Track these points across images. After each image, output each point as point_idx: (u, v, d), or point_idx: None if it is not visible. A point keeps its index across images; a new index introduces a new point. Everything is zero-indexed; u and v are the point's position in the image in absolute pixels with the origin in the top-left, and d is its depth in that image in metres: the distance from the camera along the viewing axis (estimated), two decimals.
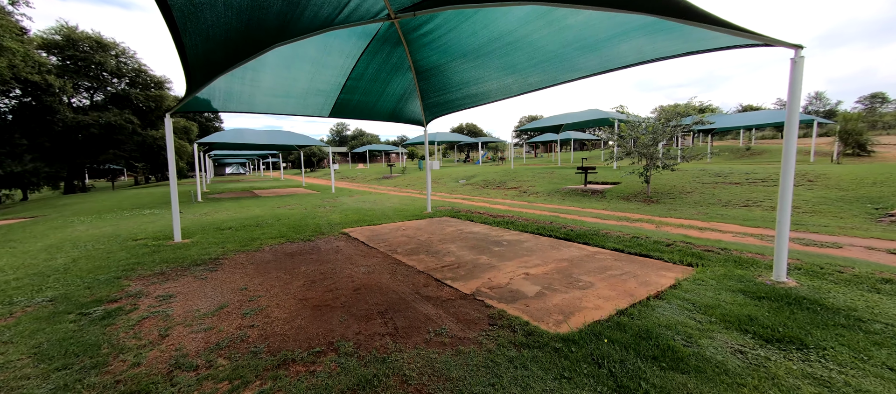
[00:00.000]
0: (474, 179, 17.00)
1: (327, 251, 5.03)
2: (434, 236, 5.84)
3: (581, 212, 8.44)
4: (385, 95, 6.68)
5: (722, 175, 10.70)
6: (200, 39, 3.26)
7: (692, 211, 7.96)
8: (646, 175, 9.86)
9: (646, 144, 9.31)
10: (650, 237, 5.01)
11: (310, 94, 5.98)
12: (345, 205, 10.51)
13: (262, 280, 3.80)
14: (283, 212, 9.17)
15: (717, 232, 5.80)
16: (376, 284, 3.59)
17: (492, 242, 5.36)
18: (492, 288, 3.42)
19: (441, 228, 6.60)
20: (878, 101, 52.77)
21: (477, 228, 6.52)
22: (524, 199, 11.65)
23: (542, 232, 5.81)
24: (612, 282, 3.49)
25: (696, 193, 9.54)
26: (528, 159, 38.80)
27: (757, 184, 9.46)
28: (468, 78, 5.59)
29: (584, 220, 7.20)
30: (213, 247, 5.35)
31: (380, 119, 7.66)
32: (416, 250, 4.96)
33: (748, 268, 3.68)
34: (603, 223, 6.72)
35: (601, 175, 13.40)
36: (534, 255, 4.58)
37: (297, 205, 10.98)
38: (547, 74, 4.86)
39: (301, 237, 5.96)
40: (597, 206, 9.36)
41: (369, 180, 24.85)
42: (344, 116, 7.06)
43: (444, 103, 6.88)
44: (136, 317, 2.90)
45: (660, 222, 6.78)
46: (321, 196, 14.02)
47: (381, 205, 10.26)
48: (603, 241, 5.00)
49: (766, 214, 7.26)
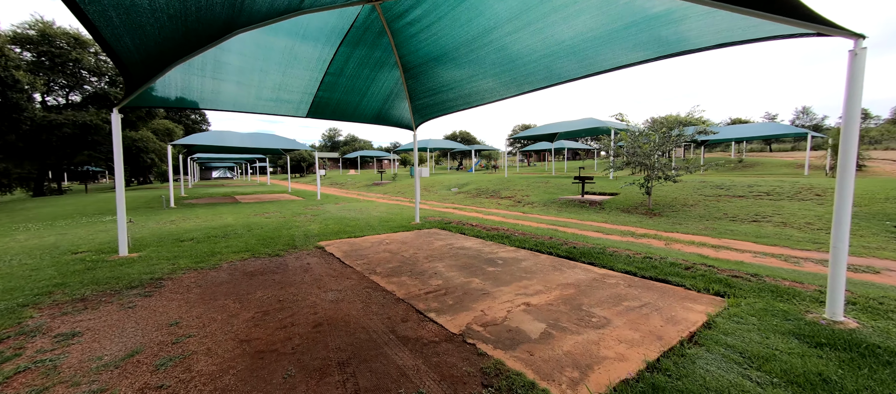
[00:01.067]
0: (467, 188, 16.41)
1: (295, 270, 4.32)
2: (420, 252, 5.17)
3: (581, 225, 7.86)
4: (369, 95, 6.04)
5: (724, 188, 10.27)
6: (125, 30, 2.61)
7: (699, 226, 7.44)
8: (647, 186, 9.36)
9: (647, 154, 8.83)
10: (665, 258, 4.42)
11: (284, 91, 5.31)
12: (327, 214, 9.78)
13: (202, 311, 3.08)
14: (258, 220, 8.40)
15: (734, 251, 5.25)
16: (343, 319, 2.91)
17: (485, 260, 4.72)
18: (485, 325, 2.77)
19: (429, 242, 5.94)
20: (863, 117, 54.02)
21: (469, 242, 5.87)
22: (519, 209, 11.06)
23: (542, 249, 5.19)
24: (631, 317, 2.86)
25: (699, 205, 9.06)
26: (522, 168, 38.48)
27: (762, 197, 9.03)
28: (461, 75, 5.00)
29: (585, 234, 6.61)
30: (162, 263, 4.60)
31: (365, 121, 7.01)
32: (397, 270, 4.28)
33: (790, 301, 3.09)
34: (607, 239, 6.14)
35: (598, 185, 12.92)
36: (534, 277, 3.94)
37: (276, 212, 10.21)
38: (553, 69, 4.28)
39: (269, 252, 5.23)
40: (596, 218, 8.80)
41: (359, 187, 24.10)
42: (324, 117, 6.40)
43: (434, 105, 6.27)
44: (11, 369, 2.17)
45: (668, 238, 6.22)
46: (305, 203, 13.25)
47: (367, 214, 9.56)
48: (611, 261, 4.39)
49: (778, 230, 6.77)
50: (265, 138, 14.97)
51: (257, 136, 14.83)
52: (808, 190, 8.97)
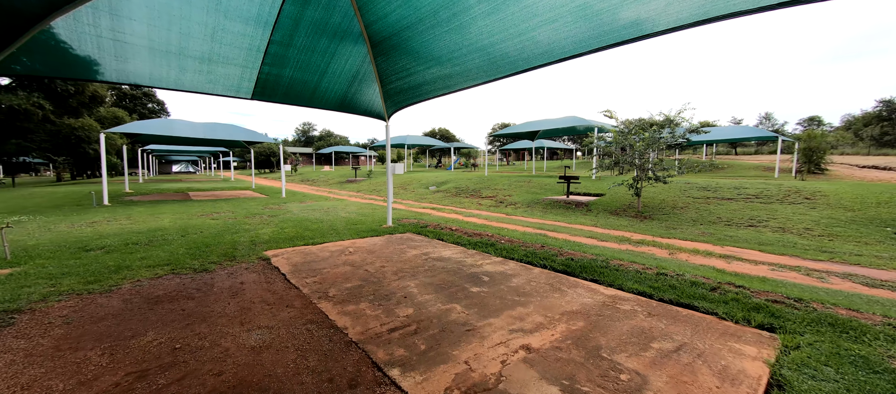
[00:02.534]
0: (446, 186, 15.55)
1: (219, 294, 3.29)
2: (389, 265, 4.24)
3: (570, 229, 7.17)
4: (331, 75, 5.03)
5: (710, 189, 9.94)
6: None
7: (695, 231, 6.91)
8: (636, 188, 8.83)
9: (641, 152, 8.28)
10: (681, 275, 3.71)
11: (216, 62, 4.21)
12: (287, 214, 8.62)
13: (44, 371, 2.03)
14: (200, 223, 7.16)
15: (746, 263, 4.65)
16: (260, 383, 1.95)
17: (468, 276, 3.86)
18: (473, 392, 1.90)
19: (401, 250, 5.01)
20: (814, 123, 57.64)
21: (448, 251, 4.99)
22: (501, 210, 10.31)
23: (534, 260, 4.39)
24: (671, 371, 2.08)
25: (689, 208, 8.62)
26: (501, 167, 38.07)
27: (751, 200, 8.70)
28: (440, 50, 4.10)
29: (578, 241, 5.89)
30: (38, 283, 3.43)
31: (328, 107, 5.96)
32: (357, 293, 3.34)
33: (861, 339, 2.41)
34: (603, 248, 5.43)
35: (582, 185, 12.39)
36: (530, 302, 3.12)
37: (228, 212, 8.93)
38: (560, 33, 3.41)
39: (195, 266, 4.14)
40: (585, 221, 8.16)
41: (331, 184, 22.70)
42: (276, 99, 5.31)
43: (409, 90, 5.33)
44: None
45: (668, 246, 5.60)
46: (265, 201, 11.93)
47: (333, 215, 8.49)
48: (619, 278, 3.64)
49: (778, 236, 6.32)
50: (224, 129, 13.43)
51: (214, 126, 13.29)
52: (796, 193, 8.73)
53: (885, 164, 23.81)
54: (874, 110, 33.77)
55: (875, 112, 33.74)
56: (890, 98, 32.04)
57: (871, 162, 25.05)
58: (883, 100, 32.68)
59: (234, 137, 13.13)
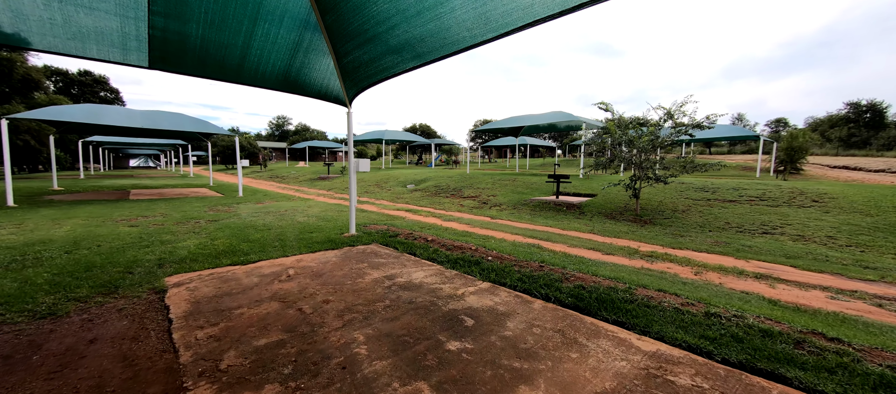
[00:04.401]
0: (425, 185, 14.35)
1: (34, 370, 2.00)
2: (336, 299, 3.04)
3: (565, 237, 6.16)
4: (261, 38, 3.73)
5: (708, 190, 9.23)
6: None
7: (706, 239, 6.05)
8: (635, 189, 7.95)
9: (644, 149, 7.39)
10: (739, 315, 2.69)
11: (76, 6, 2.84)
12: (231, 219, 7.20)
13: None
14: (108, 232, 5.67)
15: (793, 287, 3.74)
16: None
17: (444, 318, 2.72)
18: None
19: (358, 272, 3.81)
20: (781, 125, 60.04)
21: (420, 272, 3.84)
22: (486, 212, 9.23)
23: (534, 288, 3.30)
24: None
25: (692, 212, 7.82)
26: (484, 164, 37.18)
27: (755, 202, 7.99)
28: None
29: (579, 254, 4.87)
30: None
31: (268, 85, 4.65)
32: (269, 360, 2.13)
33: None
34: (612, 265, 4.42)
35: (571, 185, 11.50)
36: (538, 374, 2.01)
37: (158, 216, 7.41)
38: None
39: (44, 306, 2.80)
40: (580, 226, 7.19)
41: (302, 181, 21.02)
42: (191, 70, 3.97)
43: (371, 61, 4.10)
44: None
45: (688, 261, 4.66)
46: (215, 202, 10.36)
47: (289, 219, 7.15)
48: (655, 320, 2.60)
49: (802, 246, 5.53)
50: (167, 118, 11.65)
51: (155, 114, 11.49)
52: (801, 195, 8.09)
53: (855, 164, 24.47)
54: (842, 113, 35.05)
55: (843, 114, 35.03)
56: (857, 101, 33.29)
57: (842, 162, 25.74)
58: (850, 103, 33.94)
59: (180, 126, 11.41)
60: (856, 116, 33.45)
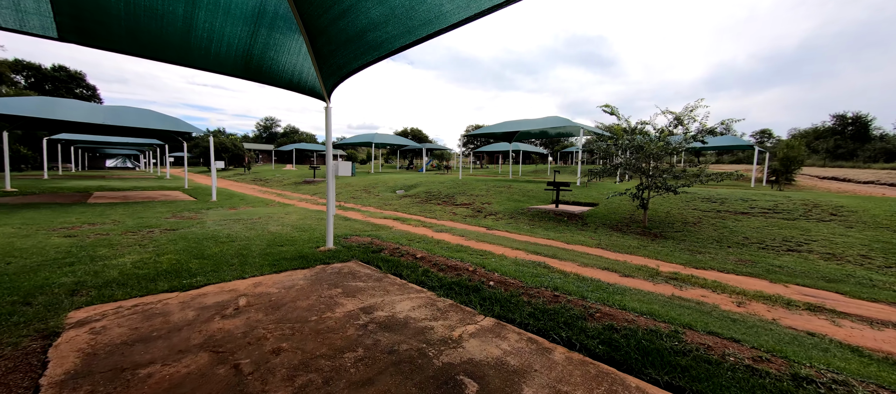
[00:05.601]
0: (416, 190, 13.58)
1: None
2: (287, 351, 2.26)
3: (572, 253, 5.46)
4: (207, 5, 2.95)
5: (715, 201, 8.70)
6: None
7: (728, 257, 5.44)
8: (643, 199, 7.35)
9: (657, 155, 6.80)
10: (840, 380, 2.01)
11: None
12: (193, 228, 6.32)
13: None
14: (33, 245, 4.74)
15: (863, 326, 3.09)
16: None
17: (436, 377, 1.96)
18: None
19: (327, 304, 3.03)
20: (766, 136, 61.23)
21: (406, 302, 3.07)
22: (481, 222, 8.51)
23: (551, 330, 2.57)
24: None
25: (703, 224, 7.24)
26: (476, 170, 36.61)
27: (769, 215, 7.46)
28: None
29: (593, 275, 4.16)
30: None
31: (225, 69, 3.86)
32: None
33: None
34: (637, 291, 3.73)
35: (571, 193, 10.87)
36: None
37: (110, 224, 6.47)
38: None
39: None
40: (585, 239, 6.52)
41: (285, 184, 20.01)
42: (118, 45, 3.16)
43: (350, 40, 3.35)
44: None
45: (721, 286, 4.00)
46: (183, 207, 9.39)
47: (259, 229, 6.30)
48: (729, 388, 1.89)
49: (838, 267, 4.94)
50: (134, 115, 10.64)
51: (122, 110, 10.46)
52: (816, 207, 7.60)
53: (844, 175, 24.64)
54: (827, 125, 35.64)
55: (829, 126, 35.63)
56: (843, 113, 33.91)
57: (830, 173, 25.93)
58: (836, 115, 34.56)
59: (148, 124, 10.42)
60: (841, 127, 34.05)
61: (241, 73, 3.94)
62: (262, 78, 4.11)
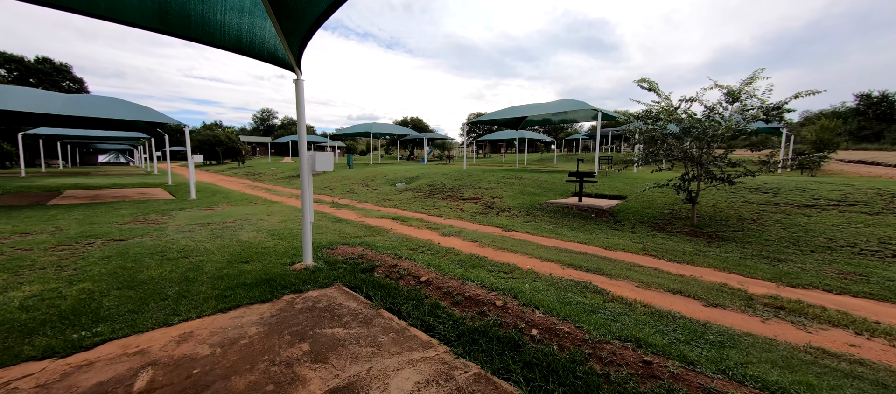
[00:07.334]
0: (417, 183, 12.37)
1: None
2: None
3: (618, 262, 4.27)
4: None
5: (767, 192, 7.45)
6: None
7: (823, 267, 4.24)
8: (690, 193, 6.13)
9: (721, 139, 5.58)
10: None
11: None
12: (145, 238, 5.16)
13: None
14: None
15: None
16: None
17: None
18: None
19: (280, 380, 1.86)
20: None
21: (405, 375, 1.91)
22: (494, 220, 7.32)
23: None
24: None
25: (765, 222, 6.02)
26: (479, 159, 35.26)
27: (840, 208, 6.22)
28: None
29: (663, 304, 2.98)
30: None
31: (124, 17, 2.63)
32: None
33: None
34: (737, 332, 2.54)
35: (593, 186, 9.61)
36: None
37: (47, 233, 5.33)
38: None
39: None
40: (625, 243, 5.32)
41: (279, 178, 18.83)
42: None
43: None
44: None
45: (852, 320, 2.81)
46: (152, 208, 8.24)
47: (228, 237, 5.15)
48: None
49: None
50: (98, 104, 9.43)
51: (83, 99, 9.24)
52: (885, 196, 6.34)
53: (872, 159, 23.16)
54: (852, 106, 33.88)
55: (852, 106, 33.88)
56: (868, 93, 32.14)
57: (856, 157, 24.43)
58: (860, 95, 32.78)
59: (113, 114, 9.19)
60: (866, 108, 32.31)
61: (160, 25, 2.71)
62: (192, 32, 2.87)
